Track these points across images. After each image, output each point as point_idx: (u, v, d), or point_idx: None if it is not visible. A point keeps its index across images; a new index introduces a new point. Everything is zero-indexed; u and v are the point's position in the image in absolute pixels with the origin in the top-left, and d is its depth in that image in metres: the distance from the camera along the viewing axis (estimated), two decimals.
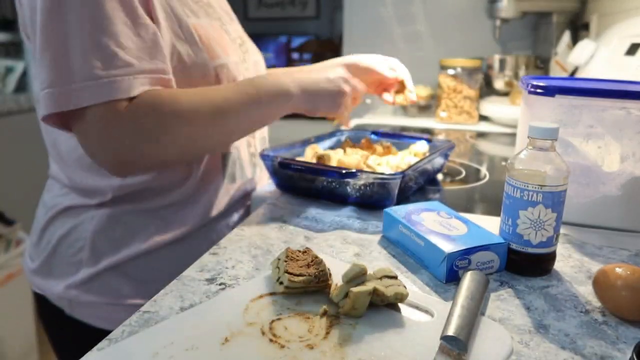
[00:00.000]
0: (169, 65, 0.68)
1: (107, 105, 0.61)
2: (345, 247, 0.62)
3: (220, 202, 0.79)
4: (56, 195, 0.78)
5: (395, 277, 0.49)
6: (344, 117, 0.84)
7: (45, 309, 0.79)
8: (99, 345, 0.42)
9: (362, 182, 0.73)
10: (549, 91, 0.68)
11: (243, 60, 0.83)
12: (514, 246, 0.56)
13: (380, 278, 0.48)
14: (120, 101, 0.61)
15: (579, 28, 1.70)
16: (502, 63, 1.74)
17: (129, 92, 0.61)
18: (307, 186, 0.79)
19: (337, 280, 0.49)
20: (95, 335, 0.46)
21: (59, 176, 0.78)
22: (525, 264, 0.56)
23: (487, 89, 1.78)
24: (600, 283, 0.50)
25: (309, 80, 0.78)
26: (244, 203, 0.85)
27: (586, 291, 0.53)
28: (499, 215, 0.59)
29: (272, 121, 0.77)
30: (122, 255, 0.73)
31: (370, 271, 0.49)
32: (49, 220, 0.77)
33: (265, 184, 0.88)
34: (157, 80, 0.65)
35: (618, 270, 0.48)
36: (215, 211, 0.78)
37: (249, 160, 0.86)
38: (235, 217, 0.82)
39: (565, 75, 1.46)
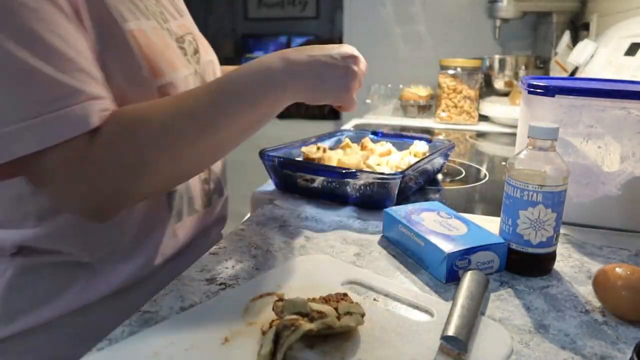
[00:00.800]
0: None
1: (65, 145, 0.49)
2: (345, 247, 0.62)
3: (166, 248, 0.67)
4: None
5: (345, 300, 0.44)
6: (350, 104, 0.67)
7: None
8: (99, 345, 0.42)
9: (362, 182, 0.73)
10: (549, 91, 0.68)
11: (197, 62, 0.72)
12: (514, 246, 0.56)
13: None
14: (81, 136, 0.50)
15: (579, 28, 1.70)
16: (502, 63, 1.74)
17: (87, 123, 0.50)
18: (307, 186, 0.79)
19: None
20: None
21: None
22: (525, 264, 0.56)
23: (487, 89, 1.78)
24: (600, 283, 0.50)
25: (308, 62, 0.61)
26: (204, 238, 0.74)
27: (586, 291, 0.53)
28: (499, 215, 0.59)
29: (267, 121, 0.63)
30: (46, 314, 0.61)
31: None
32: None
33: (265, 184, 0.88)
34: (106, 105, 0.53)
35: (618, 270, 0.48)
36: (159, 259, 0.66)
37: (200, 188, 0.73)
38: (191, 256, 0.63)
39: (565, 75, 1.46)
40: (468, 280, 0.49)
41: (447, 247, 0.54)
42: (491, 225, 0.62)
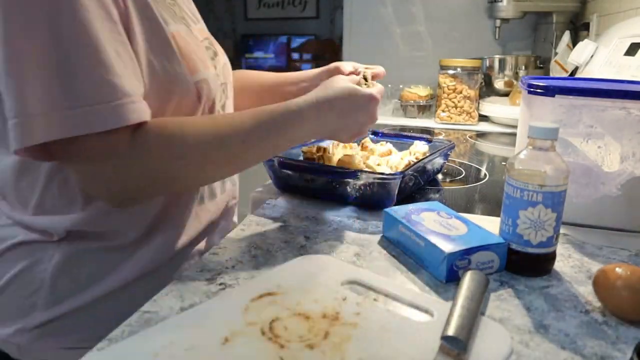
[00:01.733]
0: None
1: (108, 135, 0.54)
2: (345, 247, 0.62)
3: (189, 230, 0.73)
4: (3, 226, 0.68)
5: None
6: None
7: None
8: (99, 345, 0.42)
9: (362, 182, 0.73)
10: (549, 91, 0.68)
11: (215, 65, 0.76)
12: (514, 246, 0.56)
13: None
14: (124, 130, 0.55)
15: (579, 28, 1.70)
16: (502, 63, 1.74)
17: (130, 119, 0.55)
18: (307, 186, 0.79)
19: None
20: None
21: (2, 208, 0.69)
22: (525, 264, 0.56)
23: (487, 89, 1.78)
24: (600, 283, 0.50)
25: (338, 126, 0.69)
26: (220, 221, 0.80)
27: (586, 291, 0.53)
28: (499, 215, 0.59)
29: (286, 149, 0.74)
30: (89, 296, 0.66)
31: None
32: None
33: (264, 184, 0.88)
34: (145, 106, 0.58)
35: (618, 270, 0.48)
36: (184, 239, 0.72)
37: None
38: (212, 239, 0.77)
39: (565, 75, 1.46)
40: (468, 280, 0.49)
41: (447, 247, 0.54)
42: (491, 225, 0.62)
